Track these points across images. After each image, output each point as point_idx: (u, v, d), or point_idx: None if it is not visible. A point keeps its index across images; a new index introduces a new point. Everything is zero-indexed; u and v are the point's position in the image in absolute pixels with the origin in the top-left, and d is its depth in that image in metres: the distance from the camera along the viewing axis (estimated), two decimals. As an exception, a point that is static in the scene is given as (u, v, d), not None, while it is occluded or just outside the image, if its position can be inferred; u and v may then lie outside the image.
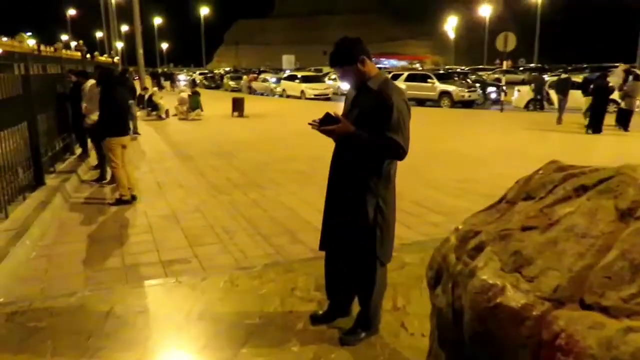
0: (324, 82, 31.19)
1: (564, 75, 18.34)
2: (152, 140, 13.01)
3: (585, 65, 41.67)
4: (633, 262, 1.30)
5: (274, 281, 4.12)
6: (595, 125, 13.46)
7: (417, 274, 4.27)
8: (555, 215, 1.60)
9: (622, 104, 13.96)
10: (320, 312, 3.49)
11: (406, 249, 4.91)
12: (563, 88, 15.81)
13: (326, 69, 49.37)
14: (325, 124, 2.77)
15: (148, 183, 7.96)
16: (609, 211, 1.49)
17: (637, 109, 14.29)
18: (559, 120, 15.33)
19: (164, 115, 17.95)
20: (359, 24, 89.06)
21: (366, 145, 2.80)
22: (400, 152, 2.78)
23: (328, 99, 28.14)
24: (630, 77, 15.18)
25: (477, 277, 1.56)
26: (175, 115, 18.29)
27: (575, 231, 1.47)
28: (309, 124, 2.86)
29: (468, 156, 10.07)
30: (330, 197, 3.08)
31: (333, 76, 33.46)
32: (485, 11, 58.01)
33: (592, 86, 13.98)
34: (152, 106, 18.25)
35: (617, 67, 18.22)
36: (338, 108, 3.22)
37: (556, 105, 17.49)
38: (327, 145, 3.36)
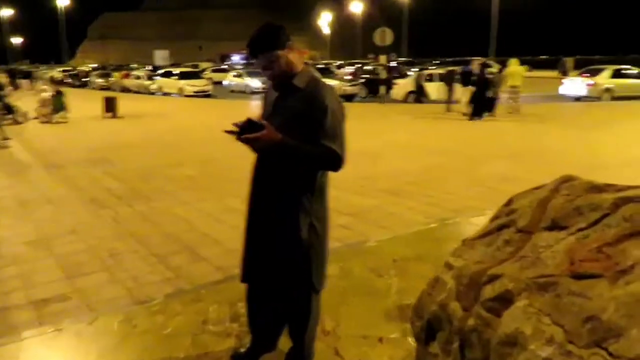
0: (202, 78, 29.93)
1: (449, 68, 19.86)
2: (9, 148, 11.27)
3: (449, 60, 44.67)
4: None
5: (180, 315, 3.49)
6: (475, 112, 14.88)
7: (341, 287, 3.91)
8: (628, 259, 1.24)
9: (490, 93, 15.29)
10: (242, 349, 2.96)
11: (323, 259, 4.53)
12: (449, 80, 17.29)
13: (203, 65, 47.62)
14: (247, 131, 2.23)
15: (7, 201, 6.71)
16: None
17: (511, 95, 16.11)
18: (449, 109, 16.68)
19: (21, 119, 15.78)
20: (235, 18, 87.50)
21: (297, 155, 2.32)
22: (337, 161, 2.35)
23: (208, 96, 27.06)
24: (495, 69, 17.00)
25: (530, 352, 1.16)
26: (36, 118, 16.19)
27: None
28: (227, 132, 2.30)
29: (364, 151, 9.97)
30: (253, 218, 2.55)
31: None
32: (356, 7, 59.93)
33: (473, 77, 15.24)
34: (7, 109, 15.93)
35: (472, 60, 19.77)
36: (224, 106, 2.69)
37: (433, 97, 19.03)
38: (220, 147, 2.82)
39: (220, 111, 19.11)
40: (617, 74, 21.22)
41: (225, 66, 46.03)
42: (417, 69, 25.82)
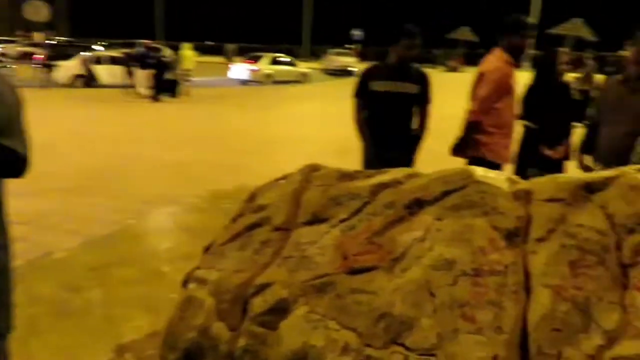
0: None
1: (125, 50, 19.32)
2: None
3: (119, 42, 42.51)
4: (576, 301, 1.04)
5: None
6: (156, 94, 14.91)
7: (28, 316, 3.13)
8: (398, 246, 1.19)
9: (170, 76, 15.51)
10: None
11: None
12: (127, 63, 16.90)
13: None
14: None
15: None
16: (487, 233, 1.18)
17: (182, 78, 16.43)
18: (130, 92, 15.91)
19: None
20: None
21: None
22: (20, 164, 1.78)
23: None
24: (167, 53, 17.21)
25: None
26: None
27: (459, 268, 1.11)
28: None
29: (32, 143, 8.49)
30: None
31: None
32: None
33: (150, 60, 15.09)
34: None
35: (140, 43, 19.43)
36: None
37: (104, 81, 18.07)
38: None
39: None
40: (274, 61, 24.08)
41: None
42: (100, 49, 23.67)
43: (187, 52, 17.35)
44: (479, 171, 1.29)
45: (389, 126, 3.83)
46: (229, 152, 8.39)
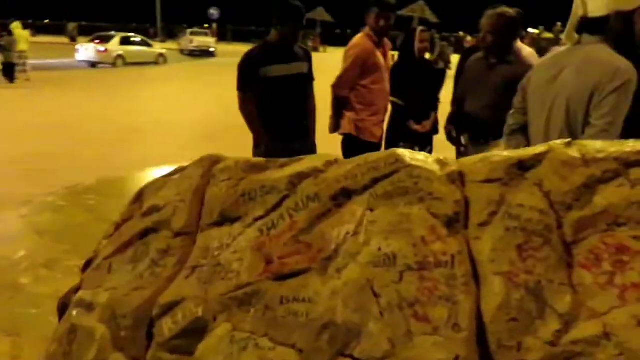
0: None
1: None
2: None
3: None
4: (528, 287, 0.97)
5: None
6: None
7: None
8: (329, 243, 1.04)
9: (4, 58, 14.10)
10: None
11: None
12: None
13: None
14: None
15: None
16: (426, 221, 1.07)
17: (18, 61, 14.71)
18: None
19: None
20: None
21: None
22: None
23: None
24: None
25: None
26: None
27: (402, 262, 0.99)
28: None
29: None
30: None
31: None
32: None
33: None
34: None
35: None
36: None
37: None
38: None
39: None
40: (125, 42, 22.38)
41: None
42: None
43: (19, 31, 15.53)
44: (407, 154, 1.21)
45: (292, 113, 3.54)
46: (84, 142, 7.60)
